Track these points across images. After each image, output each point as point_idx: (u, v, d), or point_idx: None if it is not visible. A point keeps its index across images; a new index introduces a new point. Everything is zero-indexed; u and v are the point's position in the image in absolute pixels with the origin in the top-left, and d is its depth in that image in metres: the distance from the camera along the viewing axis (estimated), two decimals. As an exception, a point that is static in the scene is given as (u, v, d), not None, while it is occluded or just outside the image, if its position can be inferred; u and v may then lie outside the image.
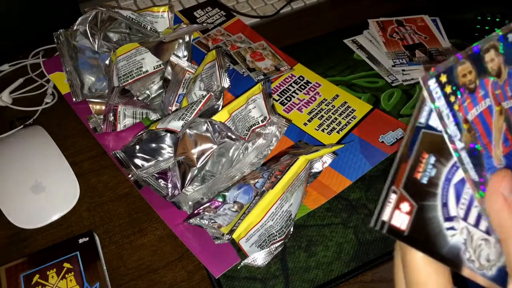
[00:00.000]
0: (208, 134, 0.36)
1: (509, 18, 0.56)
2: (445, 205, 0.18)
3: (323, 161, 0.39)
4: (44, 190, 0.39)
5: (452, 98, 0.17)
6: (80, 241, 0.36)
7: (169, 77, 0.45)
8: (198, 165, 0.36)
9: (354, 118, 0.46)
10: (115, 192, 0.41)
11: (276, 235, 0.34)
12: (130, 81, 0.44)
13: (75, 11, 0.54)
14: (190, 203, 0.38)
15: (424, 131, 0.17)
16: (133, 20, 0.46)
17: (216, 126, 0.36)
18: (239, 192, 0.36)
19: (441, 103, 0.17)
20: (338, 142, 0.43)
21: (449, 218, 0.18)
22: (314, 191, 0.39)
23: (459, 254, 0.18)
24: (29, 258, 0.35)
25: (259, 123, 0.39)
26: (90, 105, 0.45)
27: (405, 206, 0.17)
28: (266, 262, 0.34)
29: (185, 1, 0.59)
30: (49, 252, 0.35)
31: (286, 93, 0.48)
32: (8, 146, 0.42)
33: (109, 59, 0.45)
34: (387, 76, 0.51)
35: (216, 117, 0.37)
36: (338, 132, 0.44)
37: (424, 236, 0.17)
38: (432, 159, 0.17)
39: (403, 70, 0.51)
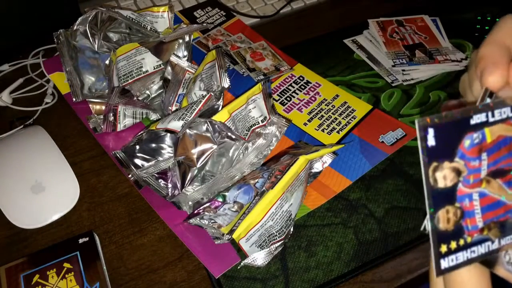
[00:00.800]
0: (208, 134, 0.36)
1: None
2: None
3: (323, 161, 0.39)
4: (44, 190, 0.39)
5: (461, 242, 0.17)
6: (80, 241, 0.36)
7: (169, 77, 0.45)
8: (198, 165, 0.36)
9: (354, 118, 0.46)
10: (115, 192, 0.41)
11: (276, 235, 0.34)
12: (130, 81, 0.44)
13: (75, 11, 0.54)
14: (190, 203, 0.38)
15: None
16: (133, 20, 0.46)
17: (216, 126, 0.36)
18: (239, 192, 0.36)
19: (462, 258, 0.17)
20: (338, 142, 0.43)
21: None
22: (314, 191, 0.39)
23: (500, 256, 0.18)
24: (29, 258, 0.35)
25: (259, 123, 0.39)
26: (90, 105, 0.45)
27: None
28: (266, 262, 0.34)
29: (185, 1, 0.59)
30: (49, 252, 0.35)
31: (286, 93, 0.48)
32: (8, 146, 0.42)
33: (109, 59, 0.45)
34: (387, 76, 0.51)
35: (216, 117, 0.37)
36: (338, 132, 0.44)
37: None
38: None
39: (403, 70, 0.51)
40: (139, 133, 0.40)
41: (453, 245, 0.17)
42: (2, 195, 0.39)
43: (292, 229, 0.35)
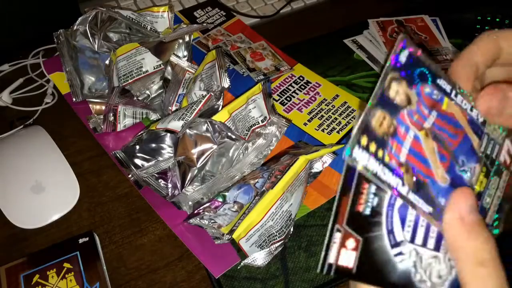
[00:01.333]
0: (208, 134, 0.36)
1: (509, 18, 0.56)
2: (391, 231, 0.17)
3: (323, 161, 0.38)
4: (44, 190, 0.39)
5: (380, 153, 0.17)
6: (80, 241, 0.36)
7: (169, 77, 0.45)
8: (198, 165, 0.36)
9: (354, 118, 0.46)
10: (115, 192, 0.41)
11: (276, 235, 0.34)
12: (130, 81, 0.44)
13: (75, 11, 0.54)
14: (190, 203, 0.38)
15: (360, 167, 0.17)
16: (133, 20, 0.46)
17: (216, 126, 0.36)
18: (239, 192, 0.36)
19: (372, 165, 0.16)
20: (338, 142, 0.43)
21: (396, 244, 0.17)
22: (314, 191, 0.39)
23: (409, 278, 0.17)
24: (29, 258, 0.35)
25: (259, 123, 0.39)
26: (90, 105, 0.45)
27: (350, 243, 0.16)
28: (266, 262, 0.34)
29: (185, 1, 0.59)
30: (49, 252, 0.35)
31: (286, 93, 0.48)
32: (8, 146, 0.42)
33: (109, 59, 0.45)
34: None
35: (216, 117, 0.37)
36: (338, 132, 0.44)
37: (372, 268, 0.17)
38: (373, 188, 0.17)
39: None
40: (139, 133, 0.40)
41: (373, 146, 0.16)
42: (2, 195, 0.39)
43: (292, 229, 0.35)
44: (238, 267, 0.35)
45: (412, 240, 0.18)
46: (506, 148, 0.20)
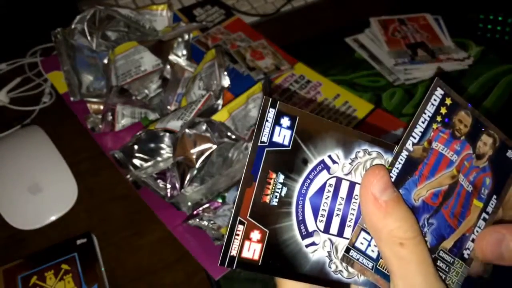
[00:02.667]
0: (208, 134, 0.36)
1: (512, 17, 0.55)
2: (301, 222, 0.17)
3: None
4: (42, 190, 0.39)
5: (439, 118, 0.18)
6: (78, 242, 0.35)
7: (168, 76, 0.45)
8: (197, 165, 0.35)
9: (356, 118, 0.45)
10: (114, 192, 0.40)
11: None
12: (128, 80, 0.43)
13: (73, 10, 0.54)
14: (189, 203, 0.37)
15: (268, 149, 0.16)
16: (132, 18, 0.46)
17: (216, 125, 0.36)
18: (239, 192, 0.36)
19: (430, 108, 0.18)
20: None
21: (307, 234, 0.17)
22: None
23: (323, 268, 0.17)
24: (26, 260, 0.35)
25: (259, 123, 0.39)
26: (88, 105, 0.44)
27: (255, 235, 0.16)
28: (266, 264, 0.33)
29: (184, 0, 0.59)
30: (47, 253, 0.35)
31: (286, 93, 0.48)
32: (5, 146, 0.41)
33: (107, 58, 0.45)
34: (388, 75, 0.50)
35: (216, 117, 0.37)
36: (339, 131, 0.44)
37: (281, 260, 0.16)
38: (281, 178, 0.16)
39: (405, 69, 0.50)
40: (138, 133, 0.39)
41: (449, 101, 0.18)
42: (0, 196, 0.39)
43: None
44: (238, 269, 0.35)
45: (326, 230, 0.17)
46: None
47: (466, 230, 0.19)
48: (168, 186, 0.37)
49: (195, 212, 0.36)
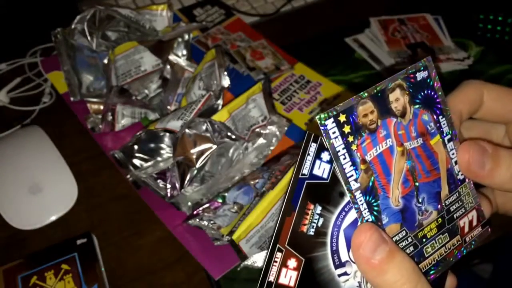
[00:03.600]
0: (208, 134, 0.36)
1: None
2: (335, 252, 0.18)
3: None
4: (42, 190, 0.39)
5: (350, 138, 0.17)
6: (78, 242, 0.35)
7: (168, 76, 0.45)
8: (198, 165, 0.35)
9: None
10: (114, 192, 0.40)
11: (276, 237, 0.33)
12: (128, 80, 0.43)
13: (73, 10, 0.54)
14: (189, 203, 0.37)
15: (308, 182, 0.17)
16: (132, 18, 0.46)
17: (216, 125, 0.36)
18: (239, 192, 0.36)
19: (338, 143, 0.17)
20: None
21: (340, 264, 0.18)
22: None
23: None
24: (26, 260, 0.35)
25: (259, 123, 0.39)
26: (88, 105, 0.44)
27: (292, 263, 0.17)
28: (266, 264, 0.33)
29: (184, 0, 0.59)
30: (47, 253, 0.35)
31: (286, 93, 0.48)
32: (5, 146, 0.41)
33: (107, 58, 0.45)
34: (389, 76, 0.50)
35: (216, 117, 0.37)
36: (339, 132, 0.44)
37: (314, 287, 0.17)
38: (319, 209, 0.17)
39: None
40: (138, 133, 0.39)
41: (347, 128, 0.17)
42: (0, 196, 0.39)
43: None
44: (238, 269, 0.35)
45: None
46: (471, 217, 0.20)
47: (446, 165, 0.19)
48: (168, 186, 0.37)
49: (195, 212, 0.36)
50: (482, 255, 0.56)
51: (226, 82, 0.40)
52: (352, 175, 0.17)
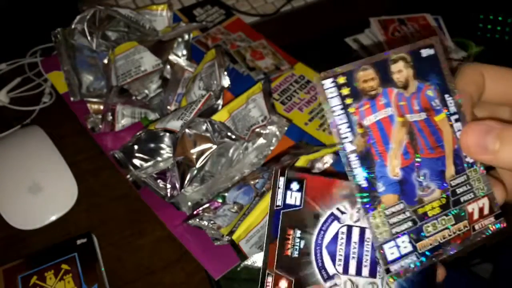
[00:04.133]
0: (208, 134, 0.36)
1: (512, 17, 0.55)
2: (322, 267, 0.19)
3: (324, 161, 0.38)
4: (42, 190, 0.39)
5: (348, 101, 0.18)
6: (78, 242, 0.35)
7: (168, 76, 0.45)
8: (198, 165, 0.35)
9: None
10: (114, 192, 0.40)
11: (276, 237, 0.33)
12: (128, 80, 0.43)
13: (73, 10, 0.54)
14: (189, 203, 0.37)
15: (284, 211, 0.19)
16: (132, 18, 0.46)
17: (216, 125, 0.36)
18: (239, 192, 0.36)
19: (334, 102, 0.18)
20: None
21: (329, 278, 0.19)
22: (314, 191, 0.39)
23: None
24: (26, 260, 0.35)
25: (259, 123, 0.39)
26: (88, 105, 0.44)
27: (283, 283, 0.19)
28: (266, 264, 0.33)
29: (184, 0, 0.59)
30: (47, 253, 0.35)
31: (286, 93, 0.48)
32: (5, 146, 0.41)
33: (107, 58, 0.45)
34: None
35: (216, 117, 0.37)
36: (339, 131, 0.44)
37: None
38: (298, 233, 0.19)
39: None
40: (138, 133, 0.39)
41: (346, 91, 0.18)
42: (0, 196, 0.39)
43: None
44: (238, 269, 0.35)
45: (345, 272, 0.19)
46: (481, 204, 0.20)
47: (453, 144, 0.19)
48: (168, 186, 0.37)
49: (195, 212, 0.36)
50: (482, 255, 0.56)
51: (226, 82, 0.40)
52: (347, 137, 0.18)
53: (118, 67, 0.43)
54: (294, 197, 0.20)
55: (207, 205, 0.36)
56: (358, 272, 0.20)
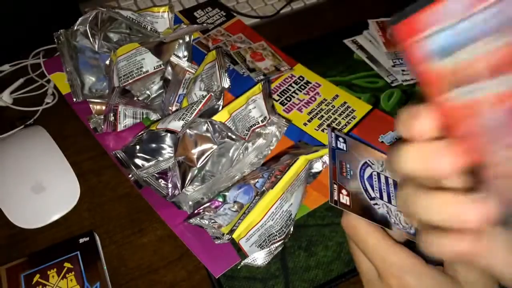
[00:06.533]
0: (208, 134, 0.36)
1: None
2: (366, 190, 0.26)
3: (323, 161, 0.39)
4: (45, 190, 0.39)
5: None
6: (81, 241, 0.36)
7: (169, 77, 0.45)
8: (198, 165, 0.36)
9: (354, 118, 0.46)
10: (116, 192, 0.41)
11: (276, 235, 0.34)
12: (130, 81, 0.44)
13: (75, 11, 0.54)
14: (190, 203, 0.38)
15: (337, 151, 0.27)
16: (133, 20, 0.46)
17: (216, 126, 0.36)
18: (239, 192, 0.36)
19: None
20: (338, 142, 0.43)
21: (371, 198, 0.25)
22: (314, 191, 0.39)
23: (387, 220, 0.25)
24: (29, 258, 0.35)
25: (259, 123, 0.39)
26: (90, 105, 0.45)
27: (344, 191, 0.25)
28: (266, 262, 0.34)
29: (185, 2, 0.59)
30: (50, 252, 0.35)
31: (286, 93, 0.48)
32: (8, 146, 0.42)
33: (109, 59, 0.45)
34: (386, 76, 0.51)
35: (216, 117, 0.37)
36: (338, 132, 0.45)
37: (362, 209, 0.24)
38: (348, 165, 0.26)
39: (403, 70, 0.51)
40: (140, 133, 0.40)
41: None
42: (3, 195, 0.39)
43: (292, 229, 0.35)
44: (238, 267, 0.35)
45: (381, 198, 0.26)
46: None
47: None
48: (170, 185, 0.38)
49: (196, 211, 0.36)
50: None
51: (226, 83, 0.41)
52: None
53: (120, 68, 0.44)
54: (342, 145, 0.27)
55: (207, 204, 0.36)
56: (389, 201, 0.26)
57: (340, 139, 0.27)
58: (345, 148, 0.27)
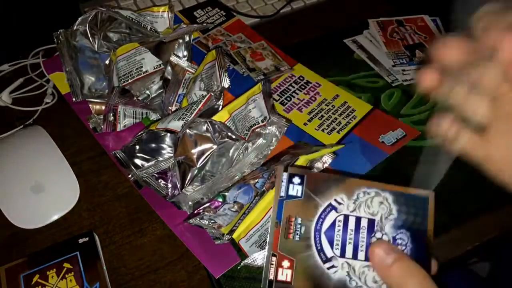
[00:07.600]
0: (208, 134, 0.36)
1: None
2: (321, 250, 0.22)
3: (323, 161, 0.38)
4: (44, 190, 0.39)
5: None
6: (80, 241, 0.36)
7: (169, 77, 0.45)
8: (198, 165, 0.36)
9: (354, 118, 0.46)
10: (115, 192, 0.41)
11: (276, 235, 0.34)
12: (130, 81, 0.44)
13: (75, 11, 0.54)
14: (190, 203, 0.38)
15: (286, 201, 0.22)
16: (133, 20, 0.46)
17: (216, 126, 0.36)
18: (239, 192, 0.36)
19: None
20: (338, 142, 0.43)
21: (327, 260, 0.22)
22: (314, 191, 0.39)
23: (345, 285, 0.21)
24: (29, 258, 0.35)
25: (259, 123, 0.39)
26: (90, 105, 0.45)
27: (285, 263, 0.21)
28: (266, 262, 0.34)
29: (185, 1, 0.59)
30: (49, 252, 0.35)
31: (286, 93, 0.48)
32: (8, 146, 0.42)
33: (109, 59, 0.45)
34: (387, 76, 0.51)
35: (216, 117, 0.37)
36: (338, 132, 0.44)
37: (310, 280, 0.21)
38: (299, 220, 0.22)
39: (403, 70, 0.51)
40: (139, 133, 0.40)
41: None
42: (2, 195, 0.39)
43: (292, 229, 0.35)
44: (238, 267, 0.35)
45: (342, 255, 0.22)
46: None
47: None
48: (169, 185, 0.38)
49: (195, 211, 0.36)
50: (480, 253, 0.56)
51: (226, 83, 0.41)
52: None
53: (120, 68, 0.44)
54: (295, 190, 0.22)
55: (207, 204, 0.36)
56: (355, 256, 0.22)
57: (295, 179, 0.22)
58: (299, 193, 0.22)
